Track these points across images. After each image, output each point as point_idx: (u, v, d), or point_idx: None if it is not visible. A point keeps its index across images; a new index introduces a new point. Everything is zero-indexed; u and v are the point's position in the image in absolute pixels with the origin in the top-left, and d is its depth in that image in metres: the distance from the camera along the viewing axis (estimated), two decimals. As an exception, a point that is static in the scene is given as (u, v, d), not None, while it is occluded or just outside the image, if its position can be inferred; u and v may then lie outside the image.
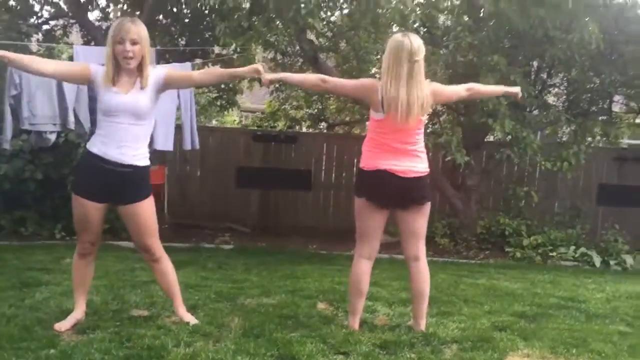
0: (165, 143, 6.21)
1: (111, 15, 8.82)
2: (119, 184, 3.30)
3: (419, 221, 3.55)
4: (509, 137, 7.12)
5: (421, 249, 3.60)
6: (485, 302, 4.55)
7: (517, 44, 7.46)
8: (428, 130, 7.63)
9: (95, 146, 3.32)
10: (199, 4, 7.01)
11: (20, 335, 3.17)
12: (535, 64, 8.05)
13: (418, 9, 6.89)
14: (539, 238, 7.66)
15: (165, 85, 3.42)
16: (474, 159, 7.50)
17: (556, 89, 8.63)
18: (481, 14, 7.47)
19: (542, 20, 6.55)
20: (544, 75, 8.16)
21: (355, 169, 8.53)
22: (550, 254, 7.47)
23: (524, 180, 8.76)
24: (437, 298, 4.52)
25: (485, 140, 8.36)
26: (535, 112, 7.82)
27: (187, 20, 8.65)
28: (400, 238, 3.69)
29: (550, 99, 8.53)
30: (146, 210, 3.41)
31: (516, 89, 3.97)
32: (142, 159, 3.36)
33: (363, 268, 3.57)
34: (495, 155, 7.62)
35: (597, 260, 7.29)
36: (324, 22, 7.07)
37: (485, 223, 8.02)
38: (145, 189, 3.41)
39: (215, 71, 3.88)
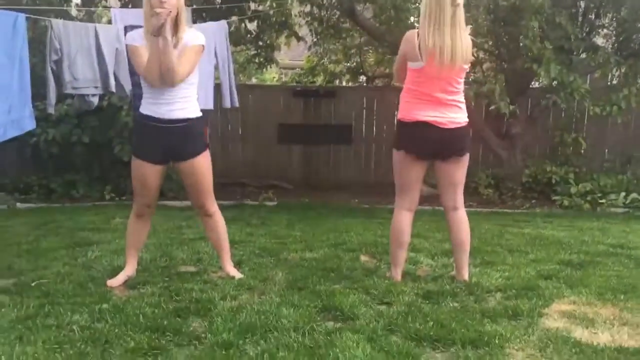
0: (206, 102, 6.23)
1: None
2: (175, 140, 3.37)
3: (458, 172, 3.51)
4: (555, 82, 6.88)
5: (459, 198, 3.56)
6: (531, 251, 4.50)
7: (562, -16, 7.13)
8: (470, 79, 7.44)
9: (146, 108, 3.38)
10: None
11: (75, 292, 3.31)
12: (582, 4, 7.70)
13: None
14: (587, 185, 7.46)
15: None
16: (518, 107, 7.30)
17: (605, 30, 8.23)
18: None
19: (590, -43, 6.23)
20: (592, 16, 7.79)
21: (395, 121, 8.43)
22: (600, 201, 7.28)
23: (572, 127, 8.50)
24: (481, 248, 4.49)
25: (530, 86, 8.10)
26: (583, 55, 7.51)
27: (222, -23, 8.57)
28: (438, 189, 3.66)
29: (599, 41, 8.15)
30: (203, 165, 3.48)
31: None
32: (193, 111, 3.41)
33: (403, 220, 3.56)
34: (540, 101, 7.39)
35: (649, 206, 7.07)
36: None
37: (531, 172, 7.86)
38: (200, 142, 3.47)
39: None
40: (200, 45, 3.38)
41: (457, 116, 3.41)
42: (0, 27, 4.12)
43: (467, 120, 3.46)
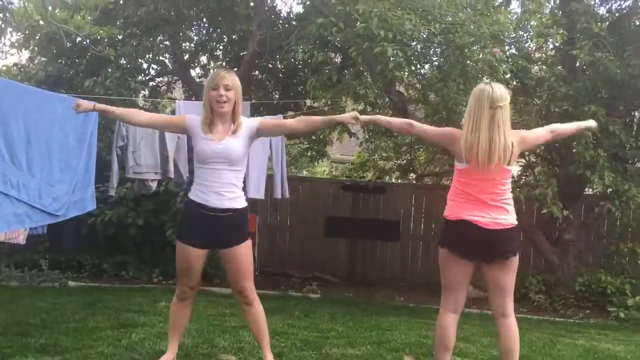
0: (257, 191, 6.41)
1: (211, 72, 9.36)
2: (219, 228, 3.45)
3: (506, 276, 3.42)
4: (610, 190, 6.78)
5: (509, 305, 3.45)
6: (584, 365, 4.28)
7: (616, 94, 7.18)
8: (521, 182, 7.42)
9: (195, 194, 3.51)
10: (292, 59, 7.33)
11: (117, 373, 3.32)
12: (637, 114, 7.70)
13: (510, 59, 6.82)
14: (645, 298, 7.12)
15: (259, 132, 3.57)
16: (571, 213, 7.18)
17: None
18: (577, 64, 7.29)
19: (643, 70, 6.30)
20: (647, 126, 7.76)
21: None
22: (659, 315, 6.92)
23: (628, 236, 8.24)
24: (531, 357, 4.30)
25: (584, 192, 7.99)
26: (639, 164, 7.42)
27: (280, 75, 9.03)
28: (488, 293, 3.57)
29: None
30: (244, 253, 3.54)
31: (592, 122, 3.93)
32: (239, 201, 3.51)
33: (448, 321, 3.47)
34: (595, 208, 7.25)
35: None
36: (414, 75, 7.14)
37: (584, 280, 7.56)
38: (244, 231, 3.55)
39: (310, 118, 3.93)
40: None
41: (503, 217, 3.37)
42: (75, 115, 4.42)
43: (514, 222, 3.41)
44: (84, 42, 7.71)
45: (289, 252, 9.47)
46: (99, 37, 6.90)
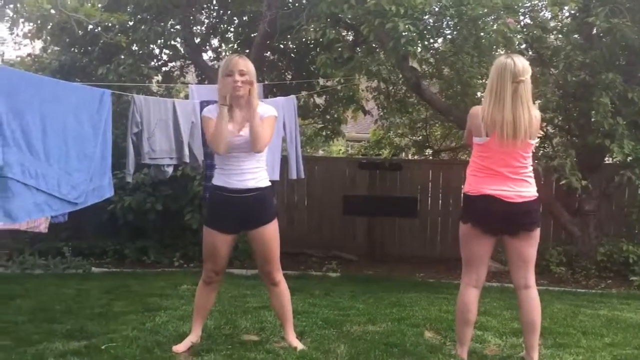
0: (273, 173, 6.40)
1: (223, 55, 9.35)
2: (245, 209, 3.49)
3: (528, 248, 3.42)
4: (630, 158, 6.68)
5: (530, 276, 3.45)
6: (607, 334, 4.26)
7: (634, 61, 7.04)
8: (539, 154, 7.33)
9: (218, 179, 3.55)
10: (303, 39, 7.28)
11: (142, 356, 3.39)
12: (656, 79, 7.54)
13: (524, 29, 6.70)
14: (668, 266, 7.05)
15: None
16: (591, 183, 7.09)
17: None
18: (593, 32, 7.15)
19: (662, 34, 6.16)
20: (667, 92, 7.60)
21: (461, 195, 8.35)
22: (682, 283, 6.85)
23: (649, 204, 8.13)
24: (553, 329, 4.29)
25: (604, 162, 7.88)
26: (659, 130, 7.28)
27: (293, 55, 8.98)
28: (509, 266, 3.57)
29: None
30: (272, 233, 3.58)
31: None
32: (262, 180, 3.55)
33: (470, 296, 3.48)
34: (615, 178, 7.16)
35: None
36: (427, 49, 7.06)
37: (605, 250, 7.50)
38: (270, 211, 3.59)
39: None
40: (274, 117, 3.58)
41: (525, 190, 3.37)
42: (89, 103, 4.44)
43: (536, 194, 3.40)
44: (96, 30, 7.72)
45: (307, 232, 9.50)
46: (109, 25, 6.90)
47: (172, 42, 8.74)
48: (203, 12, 9.13)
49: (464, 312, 3.48)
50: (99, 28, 6.86)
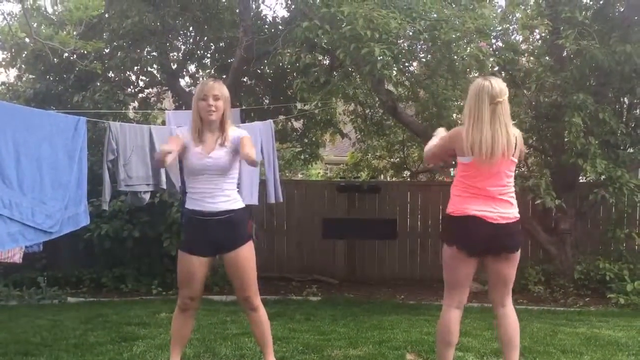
0: (251, 197, 6.40)
1: (200, 80, 9.35)
2: (220, 231, 3.46)
3: (510, 269, 3.42)
4: (603, 177, 6.81)
5: (508, 295, 3.47)
6: (586, 352, 4.29)
7: (604, 82, 7.21)
8: (515, 173, 7.43)
9: (191, 203, 3.53)
10: (279, 63, 7.33)
11: (119, 387, 3.31)
12: (626, 100, 7.73)
13: (497, 52, 6.84)
14: (644, 283, 7.14)
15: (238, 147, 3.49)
16: (566, 202, 7.20)
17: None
18: (564, 54, 7.32)
19: (629, 56, 6.33)
20: (637, 111, 7.79)
21: (441, 215, 8.40)
22: (659, 300, 6.93)
23: (624, 222, 8.26)
24: (533, 348, 4.31)
25: (579, 181, 8.02)
26: (630, 149, 7.45)
27: (269, 80, 9.03)
28: (489, 285, 3.57)
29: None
30: (246, 255, 3.54)
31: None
32: (235, 203, 3.53)
33: (452, 317, 3.46)
34: (589, 196, 7.27)
35: None
36: (402, 72, 7.15)
37: (583, 268, 7.58)
38: (244, 232, 3.55)
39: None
40: (249, 137, 3.54)
41: (508, 211, 3.37)
42: (63, 130, 4.42)
43: (517, 215, 3.42)
44: (71, 58, 7.69)
45: (287, 256, 9.46)
46: (85, 52, 6.89)
47: (149, 69, 8.73)
48: (179, 38, 9.15)
49: (446, 333, 3.46)
50: (74, 56, 6.83)
